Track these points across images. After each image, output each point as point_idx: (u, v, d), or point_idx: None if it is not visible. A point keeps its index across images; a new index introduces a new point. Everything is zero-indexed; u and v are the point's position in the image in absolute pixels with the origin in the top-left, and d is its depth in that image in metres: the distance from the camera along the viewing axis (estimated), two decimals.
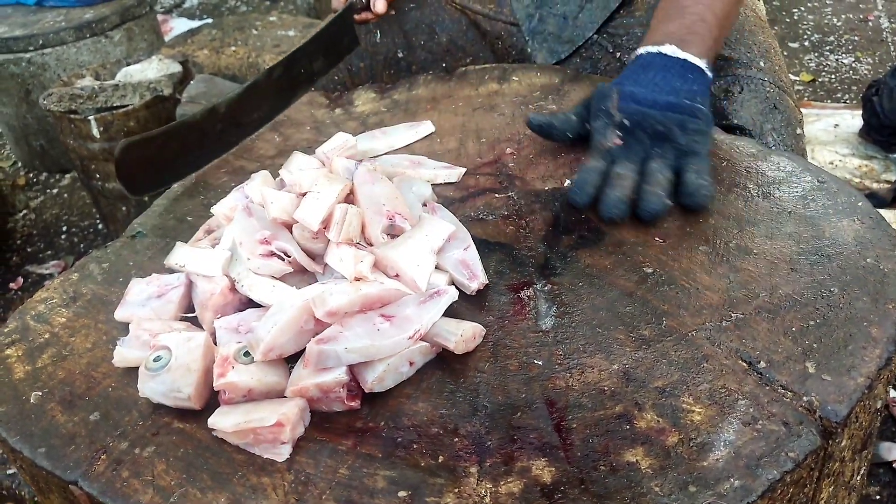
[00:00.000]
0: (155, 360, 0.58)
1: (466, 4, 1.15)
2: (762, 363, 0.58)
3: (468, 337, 0.61)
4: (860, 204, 0.73)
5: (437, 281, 0.66)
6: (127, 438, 0.57)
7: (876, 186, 1.82)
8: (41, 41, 2.37)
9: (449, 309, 0.62)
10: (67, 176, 2.65)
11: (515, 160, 0.87)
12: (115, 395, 0.61)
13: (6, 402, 0.62)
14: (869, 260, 0.66)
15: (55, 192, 2.58)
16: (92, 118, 1.82)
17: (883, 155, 1.94)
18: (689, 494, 0.49)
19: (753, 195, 0.76)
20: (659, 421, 0.54)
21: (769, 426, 0.53)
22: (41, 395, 0.62)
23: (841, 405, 0.54)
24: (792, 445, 0.51)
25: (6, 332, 0.69)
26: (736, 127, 0.94)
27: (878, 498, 1.26)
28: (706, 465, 0.51)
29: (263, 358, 0.58)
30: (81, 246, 2.26)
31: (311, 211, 0.67)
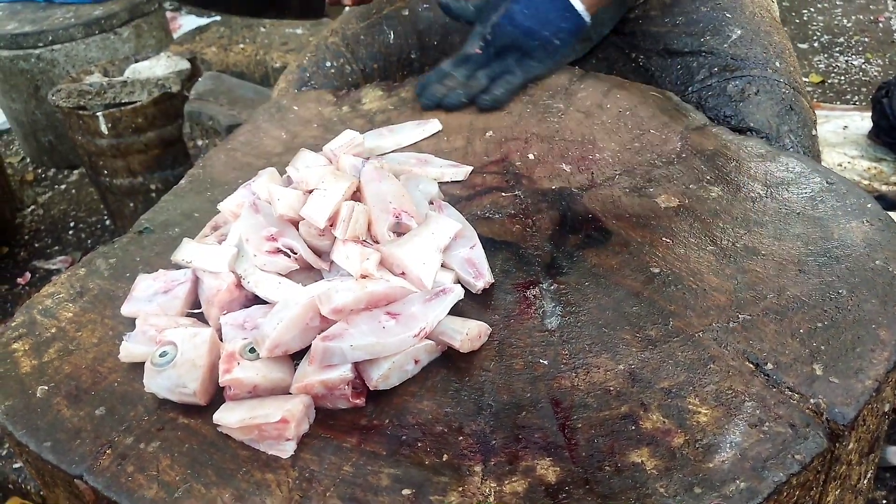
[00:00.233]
0: (161, 355, 0.58)
1: None
2: (769, 365, 0.57)
3: (473, 335, 0.61)
4: (869, 206, 0.72)
5: (442, 279, 0.66)
6: (132, 433, 0.57)
7: (885, 189, 1.80)
8: (50, 37, 2.39)
9: (454, 307, 0.62)
10: (75, 172, 2.66)
11: (522, 159, 0.87)
12: (120, 389, 0.62)
13: (13, 395, 0.62)
14: (878, 262, 0.66)
15: (63, 187, 2.59)
16: (100, 114, 1.83)
17: (892, 157, 1.92)
18: (694, 496, 0.49)
19: (762, 196, 0.76)
20: (665, 422, 0.54)
21: (776, 428, 0.52)
22: (47, 389, 0.62)
23: (848, 408, 0.53)
24: (798, 448, 0.51)
25: (13, 326, 0.70)
26: (748, 129, 0.94)
27: (884, 502, 1.26)
28: (712, 466, 0.50)
29: (269, 354, 0.58)
30: (89, 242, 2.27)
31: (317, 208, 0.67)
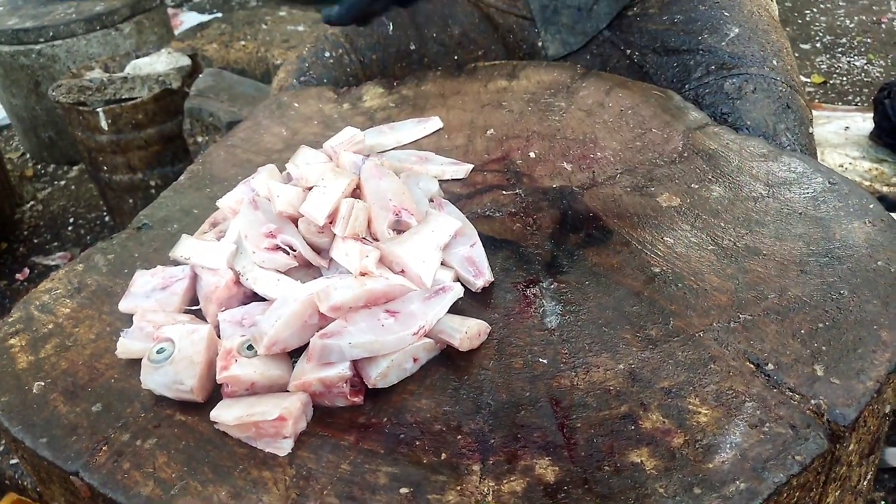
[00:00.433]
0: (158, 352, 0.58)
1: None
2: (770, 365, 0.57)
3: (473, 334, 0.61)
4: (871, 206, 0.72)
5: (442, 277, 0.66)
6: (129, 430, 0.57)
7: (886, 190, 1.80)
8: (51, 33, 2.38)
9: (454, 306, 0.62)
10: (75, 168, 2.66)
11: (523, 157, 0.86)
12: (117, 386, 0.61)
13: (9, 391, 0.62)
14: (880, 262, 0.65)
15: (63, 183, 2.59)
16: (100, 110, 1.82)
17: (894, 158, 1.92)
18: (693, 496, 0.48)
19: (763, 196, 0.75)
20: (664, 422, 0.54)
21: (776, 429, 0.52)
22: (44, 385, 0.62)
23: (849, 409, 0.53)
24: (799, 449, 0.51)
25: (10, 321, 0.69)
26: (743, 127, 0.93)
27: None
28: (712, 467, 0.50)
29: (267, 352, 0.58)
30: (88, 238, 2.27)
31: (317, 205, 0.67)
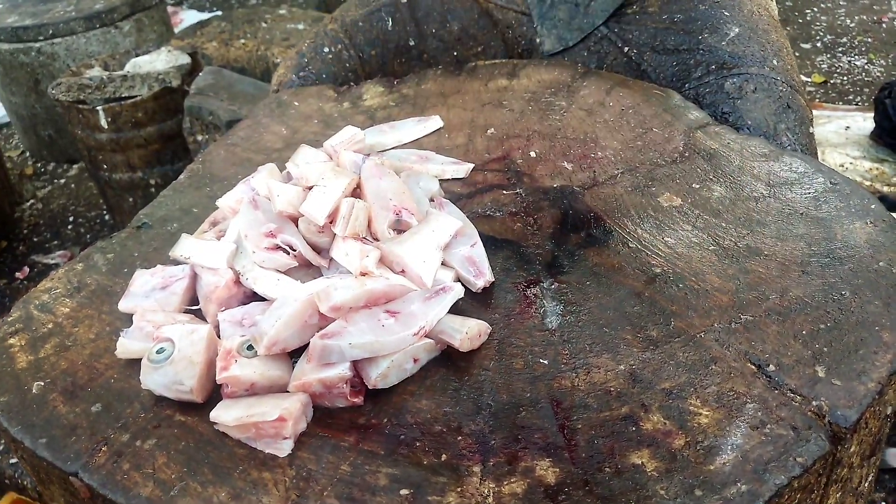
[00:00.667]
0: (158, 352, 0.58)
1: None
2: (771, 366, 0.57)
3: (473, 334, 0.61)
4: (873, 206, 0.72)
5: (443, 277, 0.65)
6: (128, 430, 0.57)
7: (886, 190, 1.80)
8: (51, 31, 2.38)
9: (454, 306, 0.62)
10: (75, 166, 2.65)
11: (524, 157, 0.86)
12: (117, 386, 0.61)
13: (8, 391, 0.61)
14: (881, 263, 0.65)
15: (62, 182, 2.59)
16: (100, 108, 1.82)
17: (894, 158, 1.92)
18: (695, 498, 0.48)
19: (765, 196, 0.75)
20: (665, 423, 0.53)
21: (777, 430, 0.52)
22: (43, 385, 0.62)
23: (851, 410, 0.53)
24: (800, 450, 0.50)
25: (10, 321, 0.69)
26: (744, 128, 0.93)
27: None
28: (713, 468, 0.50)
29: (267, 352, 0.57)
30: (88, 236, 2.26)
31: (317, 204, 0.67)
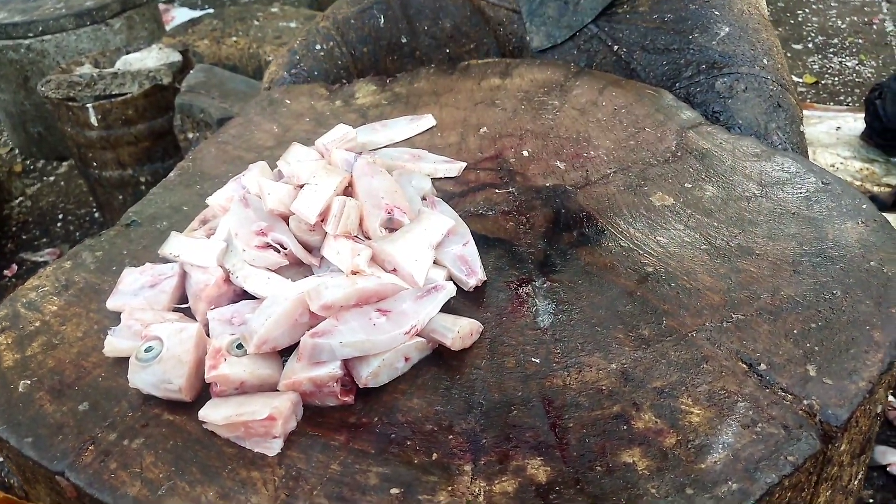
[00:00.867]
0: (146, 350, 0.57)
1: None
2: (762, 365, 0.57)
3: (465, 333, 0.60)
4: (864, 206, 0.72)
5: (434, 276, 0.65)
6: (116, 429, 0.56)
7: (877, 190, 1.81)
8: (41, 28, 2.36)
9: (446, 305, 0.62)
10: (64, 163, 2.64)
11: (516, 155, 0.86)
12: (104, 385, 0.60)
13: None
14: (872, 263, 0.65)
15: (52, 179, 2.57)
16: (90, 106, 1.81)
17: (884, 158, 1.93)
18: (686, 497, 0.48)
19: (756, 195, 0.75)
20: (657, 422, 0.53)
21: (769, 429, 0.52)
22: (30, 383, 0.61)
23: (841, 409, 0.53)
24: (791, 449, 0.50)
25: None
26: (735, 127, 0.93)
27: (871, 501, 1.26)
28: (704, 467, 0.50)
29: (256, 351, 0.57)
30: (77, 234, 2.25)
31: (308, 203, 0.66)
